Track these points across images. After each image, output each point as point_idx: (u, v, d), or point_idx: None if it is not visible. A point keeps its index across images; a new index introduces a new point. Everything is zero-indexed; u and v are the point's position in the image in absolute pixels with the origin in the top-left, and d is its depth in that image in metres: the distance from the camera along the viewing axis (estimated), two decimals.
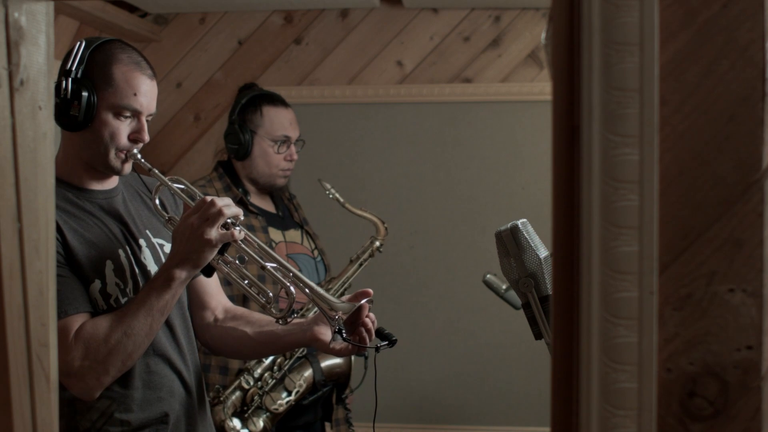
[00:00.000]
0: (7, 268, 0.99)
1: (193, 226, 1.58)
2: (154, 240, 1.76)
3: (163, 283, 1.59)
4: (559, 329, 0.93)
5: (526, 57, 3.26)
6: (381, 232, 2.66)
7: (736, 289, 0.89)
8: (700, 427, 0.90)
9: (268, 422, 2.43)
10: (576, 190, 0.90)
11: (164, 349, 1.70)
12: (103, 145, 1.65)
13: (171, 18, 3.33)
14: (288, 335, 1.80)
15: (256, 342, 1.83)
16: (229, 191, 2.57)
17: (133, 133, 1.67)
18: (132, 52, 1.69)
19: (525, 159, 3.22)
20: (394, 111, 3.26)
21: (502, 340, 3.19)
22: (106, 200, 1.72)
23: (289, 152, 2.59)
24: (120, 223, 1.71)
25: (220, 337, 1.86)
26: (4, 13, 0.98)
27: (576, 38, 0.89)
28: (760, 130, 0.89)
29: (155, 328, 1.61)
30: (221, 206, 1.59)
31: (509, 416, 3.22)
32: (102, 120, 1.64)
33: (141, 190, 1.83)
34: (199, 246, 1.58)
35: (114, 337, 1.56)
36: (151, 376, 1.68)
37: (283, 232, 2.63)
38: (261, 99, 2.62)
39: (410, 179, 3.24)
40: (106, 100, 1.63)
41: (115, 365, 1.58)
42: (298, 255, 2.65)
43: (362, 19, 3.29)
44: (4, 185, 0.99)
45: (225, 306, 1.90)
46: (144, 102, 1.66)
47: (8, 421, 1.00)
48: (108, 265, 1.64)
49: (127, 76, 1.65)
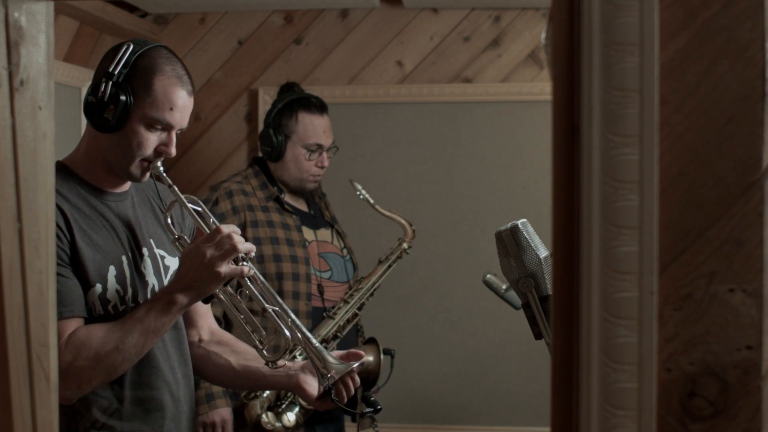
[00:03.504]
0: (7, 268, 0.99)
1: (205, 256, 1.57)
2: (156, 251, 1.75)
3: (164, 306, 1.58)
4: (559, 329, 0.93)
5: (526, 57, 3.26)
6: (409, 234, 2.71)
7: (736, 289, 0.89)
8: (700, 427, 0.90)
9: (300, 417, 2.50)
10: (576, 190, 0.90)
11: (155, 359, 1.68)
12: (129, 153, 1.64)
13: (171, 18, 3.33)
14: (272, 377, 1.78)
15: (238, 375, 1.82)
16: (266, 189, 2.64)
17: (161, 145, 1.67)
18: (176, 64, 1.68)
19: (525, 159, 3.22)
20: (394, 111, 3.26)
21: (502, 340, 3.19)
22: (117, 203, 1.71)
23: (320, 159, 2.65)
24: (127, 228, 1.70)
25: (202, 358, 1.85)
26: (4, 13, 0.98)
27: (576, 38, 0.89)
28: (760, 130, 0.89)
29: (147, 347, 1.60)
30: (236, 241, 1.58)
31: (509, 416, 3.22)
32: (133, 128, 1.63)
33: (151, 196, 1.81)
34: (207, 277, 1.58)
35: (105, 348, 1.55)
36: (141, 384, 1.67)
37: (315, 231, 2.70)
38: (298, 104, 2.67)
39: (410, 179, 3.24)
40: (142, 110, 1.62)
41: (99, 376, 1.57)
42: (329, 254, 2.71)
43: (362, 19, 3.29)
44: (4, 185, 0.99)
45: (211, 328, 1.89)
46: (178, 117, 1.66)
47: (8, 421, 1.00)
48: (111, 270, 1.63)
49: (168, 89, 1.64)
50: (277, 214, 2.62)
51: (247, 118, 3.33)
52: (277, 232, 2.59)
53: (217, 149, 3.32)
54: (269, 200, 2.63)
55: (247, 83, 3.32)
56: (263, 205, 2.61)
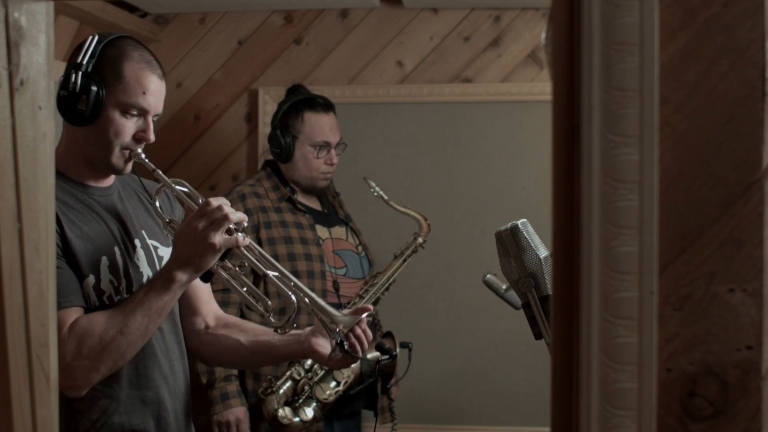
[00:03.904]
0: (7, 268, 0.99)
1: (198, 229, 1.57)
2: (149, 241, 1.74)
3: (163, 284, 1.58)
4: (559, 329, 0.93)
5: (526, 57, 3.26)
6: (424, 228, 2.76)
7: (736, 289, 0.89)
8: (700, 427, 0.90)
9: (318, 411, 2.51)
10: (576, 190, 0.90)
11: (153, 352, 1.68)
12: (108, 142, 1.63)
13: (171, 18, 3.33)
14: (284, 346, 1.78)
15: (250, 351, 1.81)
16: (278, 190, 2.69)
17: (139, 132, 1.65)
18: (143, 51, 1.68)
19: (525, 159, 3.22)
20: (394, 111, 3.26)
21: (502, 340, 3.19)
22: (103, 197, 1.70)
23: (329, 156, 2.71)
24: (117, 220, 1.69)
25: (211, 344, 1.84)
26: (4, 13, 0.98)
27: (576, 38, 0.89)
28: (760, 130, 0.89)
29: (151, 329, 1.59)
30: (227, 211, 1.58)
31: (509, 416, 3.22)
32: (108, 117, 1.62)
33: (138, 191, 1.81)
34: (202, 250, 1.57)
35: (109, 334, 1.54)
36: (139, 379, 1.66)
37: (329, 229, 2.74)
38: (303, 104, 2.72)
39: (410, 179, 3.24)
40: (115, 97, 1.62)
41: (106, 363, 1.56)
42: (344, 251, 2.74)
43: (362, 19, 3.29)
44: (4, 185, 0.99)
45: (216, 313, 1.88)
46: (152, 101, 1.65)
47: (8, 421, 1.00)
48: (103, 261, 1.62)
49: (138, 74, 1.63)
50: (290, 214, 2.66)
51: (247, 118, 3.33)
52: (290, 231, 2.63)
53: (217, 149, 3.32)
54: (282, 201, 2.68)
55: (247, 83, 3.33)
56: (276, 206, 2.66)
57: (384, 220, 3.07)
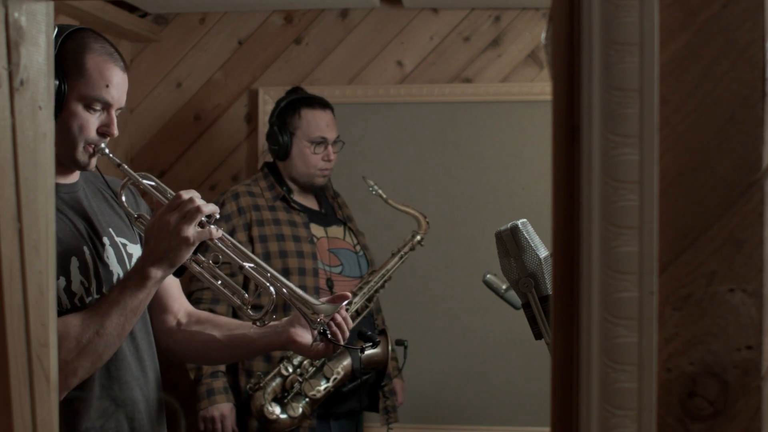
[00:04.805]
0: (7, 268, 0.99)
1: (170, 223, 1.53)
2: (117, 239, 1.69)
3: (138, 282, 1.53)
4: (559, 329, 0.93)
5: (526, 57, 3.26)
6: (423, 226, 2.76)
7: (736, 289, 0.89)
8: (700, 427, 0.90)
9: (307, 408, 2.52)
10: (576, 190, 0.90)
11: (123, 352, 1.63)
12: (72, 137, 1.58)
13: (171, 18, 3.33)
14: (262, 338, 1.74)
15: (226, 346, 1.77)
16: (273, 189, 2.71)
17: (102, 126, 1.60)
18: (104, 43, 1.63)
19: (525, 159, 3.22)
20: (394, 111, 3.26)
21: (502, 340, 3.19)
22: (69, 195, 1.65)
23: (326, 153, 2.71)
24: (83, 219, 1.64)
25: (185, 341, 1.80)
26: (4, 13, 0.98)
27: (576, 38, 0.89)
28: (760, 130, 0.89)
29: (127, 329, 1.55)
30: (199, 203, 1.54)
31: (509, 416, 3.22)
32: (71, 111, 1.57)
33: (102, 189, 1.75)
34: (176, 244, 1.52)
35: (86, 336, 1.50)
36: (111, 381, 1.62)
37: (325, 228, 2.74)
38: (300, 102, 2.74)
39: (410, 179, 3.24)
40: (77, 90, 1.57)
41: (84, 366, 1.52)
42: (340, 250, 2.75)
43: (362, 19, 3.29)
44: (4, 185, 0.99)
45: (187, 310, 1.84)
46: (115, 95, 1.60)
47: (8, 421, 1.00)
48: (73, 261, 1.58)
49: (100, 66, 1.58)
50: (284, 213, 2.67)
51: (247, 118, 3.33)
52: (283, 229, 2.64)
53: (217, 149, 3.32)
54: (276, 200, 2.69)
55: (247, 83, 3.33)
56: (270, 204, 2.68)
57: (384, 220, 3.07)
